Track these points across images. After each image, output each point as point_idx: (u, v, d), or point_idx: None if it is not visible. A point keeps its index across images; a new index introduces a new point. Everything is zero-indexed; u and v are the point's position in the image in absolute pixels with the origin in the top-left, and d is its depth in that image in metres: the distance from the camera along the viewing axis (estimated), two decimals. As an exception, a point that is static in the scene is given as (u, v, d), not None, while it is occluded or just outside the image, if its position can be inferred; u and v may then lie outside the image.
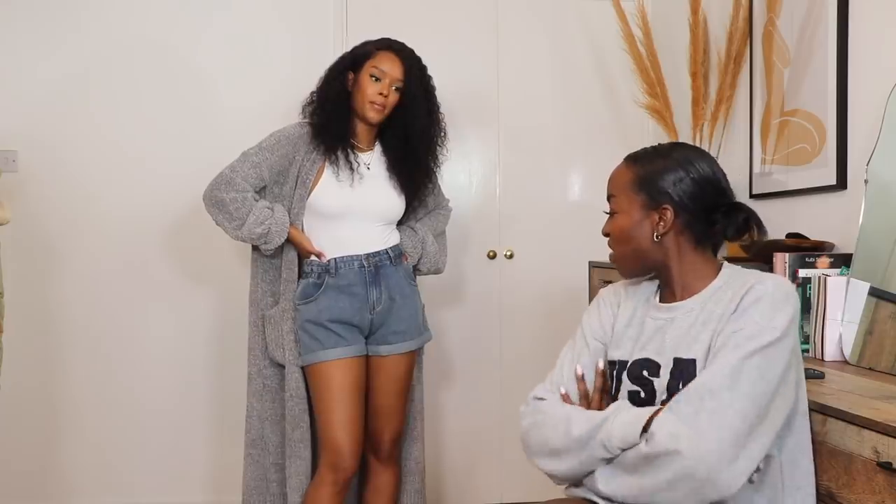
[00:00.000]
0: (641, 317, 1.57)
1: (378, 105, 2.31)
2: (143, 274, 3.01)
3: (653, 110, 2.85)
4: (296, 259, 2.37)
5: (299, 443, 2.35)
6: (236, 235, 2.32)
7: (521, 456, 2.65)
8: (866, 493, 1.36)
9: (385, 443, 2.42)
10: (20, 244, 2.83)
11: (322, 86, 2.39)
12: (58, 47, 2.96)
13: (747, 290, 1.41)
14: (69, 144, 2.97)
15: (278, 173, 2.35)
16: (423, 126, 2.39)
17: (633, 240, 1.52)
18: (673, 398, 1.37)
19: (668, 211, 1.49)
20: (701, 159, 1.52)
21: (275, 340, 2.37)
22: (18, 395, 2.82)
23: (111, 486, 3.01)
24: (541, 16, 3.24)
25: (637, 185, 1.52)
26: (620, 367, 1.54)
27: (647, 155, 1.55)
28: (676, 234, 1.50)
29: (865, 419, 1.36)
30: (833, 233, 2.20)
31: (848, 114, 2.18)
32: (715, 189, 1.51)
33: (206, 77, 3.04)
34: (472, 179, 3.24)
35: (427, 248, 2.50)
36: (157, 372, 3.03)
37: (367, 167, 2.37)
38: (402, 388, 2.42)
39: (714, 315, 1.44)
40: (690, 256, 1.51)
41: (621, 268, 1.59)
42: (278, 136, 2.35)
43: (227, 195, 2.29)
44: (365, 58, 2.33)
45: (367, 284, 2.33)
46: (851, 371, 1.83)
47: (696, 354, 1.43)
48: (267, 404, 2.42)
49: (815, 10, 2.30)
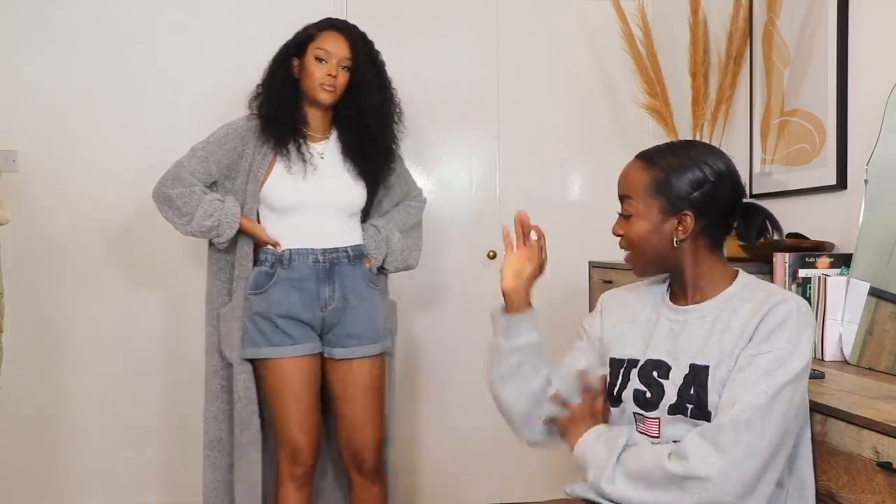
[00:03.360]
0: (655, 317, 1.54)
1: (328, 86, 2.23)
2: (143, 274, 3.01)
3: (653, 110, 2.85)
4: (250, 254, 2.29)
5: (249, 445, 2.27)
6: (186, 231, 2.26)
7: (521, 456, 2.66)
8: (866, 493, 1.36)
9: (365, 455, 2.32)
10: (20, 244, 2.82)
11: (267, 77, 2.31)
12: (58, 47, 2.95)
13: (771, 308, 1.38)
14: (69, 144, 2.96)
15: (227, 167, 2.29)
16: (375, 103, 2.31)
17: (651, 245, 1.48)
18: (707, 425, 1.36)
19: (688, 217, 1.45)
20: (718, 158, 1.48)
21: (226, 339, 2.29)
22: (18, 395, 2.82)
23: (111, 485, 3.00)
24: (541, 15, 3.24)
25: (655, 189, 1.46)
26: (630, 365, 1.52)
27: (663, 155, 1.49)
28: (694, 239, 1.47)
29: (865, 419, 1.36)
30: (833, 233, 2.20)
31: (848, 114, 2.18)
32: (733, 189, 1.48)
33: (207, 76, 3.03)
34: (472, 179, 3.24)
35: (392, 246, 2.39)
36: (156, 372, 3.03)
37: (320, 157, 2.30)
38: (372, 398, 2.32)
39: (732, 327, 1.41)
40: (707, 261, 1.49)
41: (636, 269, 1.56)
42: (226, 130, 2.30)
43: (173, 191, 2.23)
44: (308, 41, 2.26)
45: (319, 280, 2.25)
46: (851, 371, 1.83)
47: (710, 361, 1.41)
48: (223, 405, 2.35)
49: (815, 10, 2.30)
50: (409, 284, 3.07)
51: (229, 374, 2.32)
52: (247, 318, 2.24)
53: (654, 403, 1.46)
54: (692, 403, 1.40)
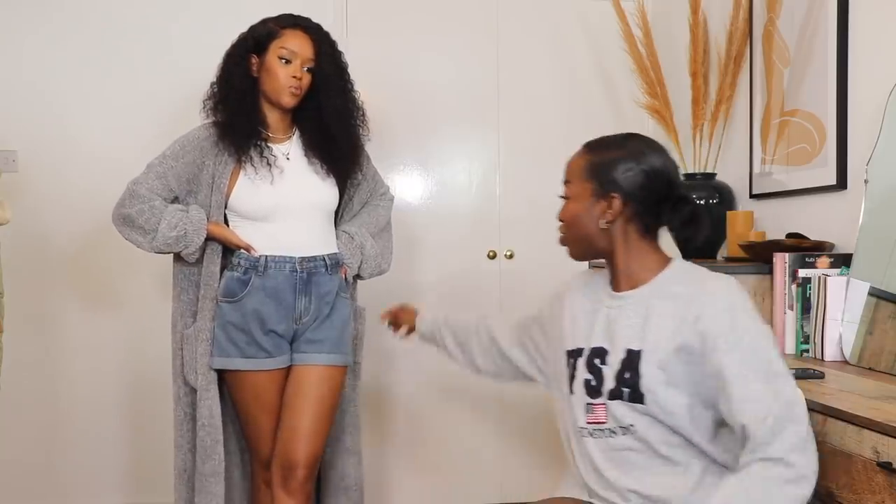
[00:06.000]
0: (597, 305, 1.60)
1: (294, 88, 2.10)
2: (143, 273, 3.01)
3: (653, 110, 2.85)
4: (217, 273, 2.15)
5: (210, 477, 2.11)
6: (152, 247, 2.11)
7: (520, 456, 2.66)
8: (866, 493, 1.36)
9: (297, 471, 2.11)
10: (20, 244, 2.82)
11: (222, 75, 2.16)
12: (58, 47, 2.96)
13: (711, 296, 1.44)
14: (69, 144, 2.96)
15: (188, 181, 2.15)
16: (337, 107, 2.17)
17: (582, 225, 1.56)
18: (764, 443, 1.34)
19: (615, 199, 1.52)
20: (653, 152, 1.55)
21: (189, 363, 2.15)
22: (18, 395, 2.82)
23: (112, 485, 3.00)
24: (541, 15, 3.24)
25: (589, 172, 1.55)
26: (576, 355, 1.57)
27: (603, 143, 1.58)
28: (624, 223, 1.53)
29: (865, 419, 1.36)
30: (833, 233, 2.20)
31: (848, 114, 2.18)
32: (665, 181, 1.54)
33: (208, 76, 3.03)
34: (471, 179, 3.24)
35: (366, 253, 2.26)
36: (158, 371, 3.03)
37: (286, 158, 2.16)
38: (323, 409, 2.14)
39: (668, 312, 1.46)
40: (637, 247, 1.54)
41: (569, 251, 1.63)
42: (182, 142, 2.16)
43: (132, 209, 2.10)
44: (269, 38, 2.11)
45: (296, 292, 2.12)
46: (851, 371, 1.83)
47: (644, 346, 1.46)
48: (188, 434, 2.19)
49: (815, 10, 2.30)
50: (410, 284, 3.07)
51: (193, 400, 2.17)
52: (217, 326, 2.11)
53: (598, 390, 1.51)
54: (628, 387, 1.47)
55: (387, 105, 3.05)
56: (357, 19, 3.12)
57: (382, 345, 2.93)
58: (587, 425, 1.53)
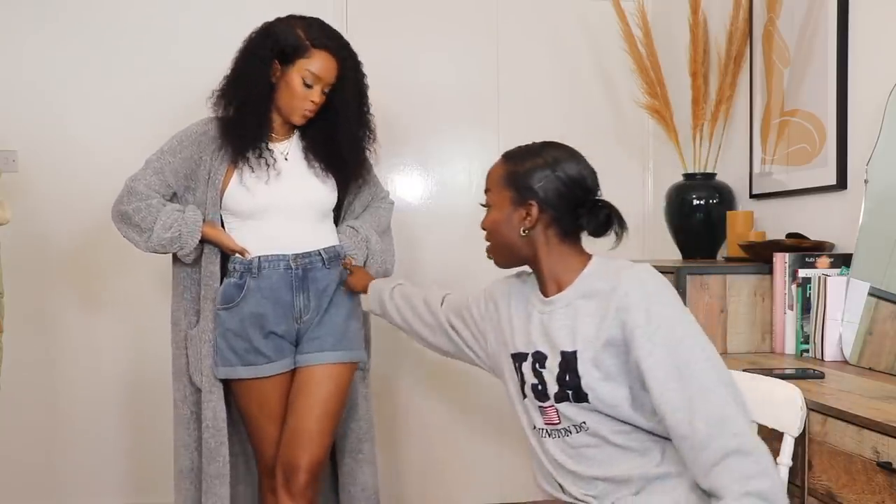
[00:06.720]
0: (531, 310, 1.63)
1: (309, 112, 2.08)
2: (144, 273, 3.01)
3: (653, 110, 2.85)
4: (216, 273, 2.13)
5: (215, 479, 2.09)
6: (147, 247, 2.10)
7: (520, 456, 2.67)
8: (866, 493, 1.36)
9: (300, 473, 2.07)
10: (20, 244, 2.82)
11: (240, 73, 2.10)
12: (58, 47, 2.95)
13: (631, 286, 1.45)
14: (69, 144, 2.96)
15: (186, 177, 2.13)
16: (352, 132, 2.14)
17: (503, 233, 1.60)
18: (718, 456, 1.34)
19: (533, 207, 1.55)
20: (569, 159, 1.60)
21: (195, 363, 2.13)
22: (18, 395, 2.82)
23: (112, 485, 3.00)
24: (541, 16, 3.23)
25: (507, 181, 1.59)
26: (521, 359, 1.61)
27: (520, 153, 1.62)
28: (544, 229, 1.57)
29: (865, 419, 1.37)
30: (833, 233, 2.21)
31: (848, 114, 2.18)
32: (580, 188, 1.58)
33: (209, 76, 3.03)
34: (472, 179, 3.24)
35: (372, 247, 2.23)
36: (160, 371, 3.03)
37: (284, 157, 2.13)
38: (328, 410, 2.10)
39: (591, 310, 1.49)
40: (558, 250, 1.58)
41: (495, 259, 1.67)
42: (180, 138, 2.16)
43: (129, 206, 2.09)
44: (297, 53, 2.03)
45: (293, 289, 2.09)
46: (851, 371, 1.84)
47: (577, 346, 1.49)
48: (194, 433, 2.16)
49: (815, 10, 2.30)
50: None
51: (198, 399, 2.15)
52: (219, 335, 2.09)
53: (545, 394, 1.55)
54: (570, 389, 1.50)
55: (387, 106, 3.04)
56: (357, 20, 3.12)
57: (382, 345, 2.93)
58: (544, 426, 1.57)
